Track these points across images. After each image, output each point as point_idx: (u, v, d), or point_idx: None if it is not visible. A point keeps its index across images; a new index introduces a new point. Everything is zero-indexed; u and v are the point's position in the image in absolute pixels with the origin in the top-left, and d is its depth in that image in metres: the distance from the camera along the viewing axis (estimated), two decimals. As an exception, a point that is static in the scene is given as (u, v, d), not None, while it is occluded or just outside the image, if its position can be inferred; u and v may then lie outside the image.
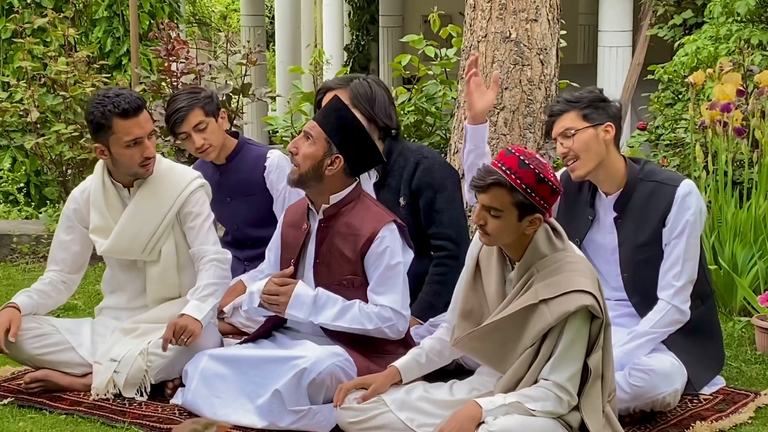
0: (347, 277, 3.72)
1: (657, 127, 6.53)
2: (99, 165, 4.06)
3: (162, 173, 4.03)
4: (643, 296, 3.75)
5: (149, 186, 4.01)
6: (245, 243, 4.69)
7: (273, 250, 3.96)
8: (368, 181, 4.18)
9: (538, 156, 3.23)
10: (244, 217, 4.67)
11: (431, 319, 4.07)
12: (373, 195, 4.14)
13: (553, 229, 3.28)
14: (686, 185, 3.70)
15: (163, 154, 5.52)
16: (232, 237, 4.77)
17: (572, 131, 3.67)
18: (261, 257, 4.17)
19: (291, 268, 3.78)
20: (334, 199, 3.74)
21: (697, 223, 3.70)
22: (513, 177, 3.16)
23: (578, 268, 3.21)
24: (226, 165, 4.67)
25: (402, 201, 4.15)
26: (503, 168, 3.17)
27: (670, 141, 6.28)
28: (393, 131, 4.20)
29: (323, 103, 4.13)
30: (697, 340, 3.76)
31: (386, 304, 3.66)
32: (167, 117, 4.55)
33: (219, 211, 4.71)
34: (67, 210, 4.12)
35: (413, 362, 3.52)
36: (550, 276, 3.20)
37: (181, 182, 4.03)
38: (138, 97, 3.97)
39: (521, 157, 3.18)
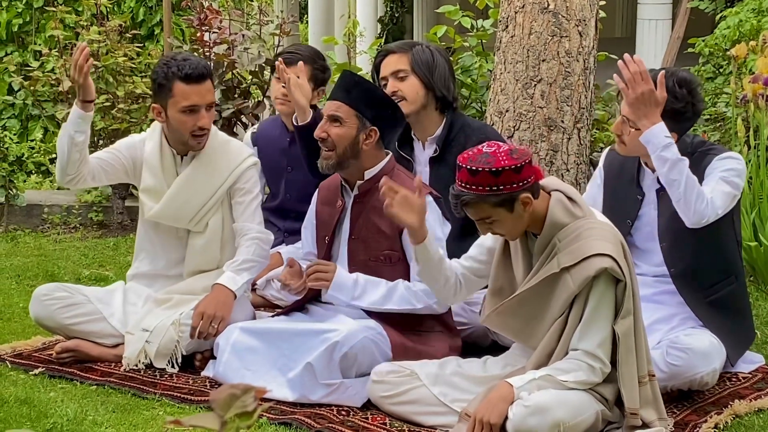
0: (384, 253, 3.68)
1: (697, 101, 6.41)
2: (156, 126, 4.04)
3: (217, 146, 4.01)
4: (682, 266, 3.68)
5: (204, 157, 3.99)
6: (289, 214, 4.63)
7: (309, 228, 3.93)
8: (422, 152, 4.13)
9: (484, 149, 3.10)
10: (299, 190, 4.55)
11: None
12: (428, 168, 4.09)
13: (569, 197, 3.23)
14: (730, 152, 3.65)
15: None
16: (278, 205, 4.69)
17: (633, 127, 3.55)
18: (300, 231, 4.12)
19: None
20: (369, 174, 3.70)
21: (734, 175, 3.56)
22: (473, 188, 3.09)
23: (598, 234, 3.15)
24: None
25: None
26: (462, 185, 3.11)
27: (711, 115, 6.19)
28: (452, 104, 4.11)
29: (383, 66, 4.11)
30: (728, 316, 3.71)
31: None
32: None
33: (274, 178, 4.63)
34: (133, 143, 4.07)
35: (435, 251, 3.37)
36: (571, 244, 3.15)
37: (236, 157, 4.02)
38: (206, 66, 3.94)
39: (468, 167, 3.09)
